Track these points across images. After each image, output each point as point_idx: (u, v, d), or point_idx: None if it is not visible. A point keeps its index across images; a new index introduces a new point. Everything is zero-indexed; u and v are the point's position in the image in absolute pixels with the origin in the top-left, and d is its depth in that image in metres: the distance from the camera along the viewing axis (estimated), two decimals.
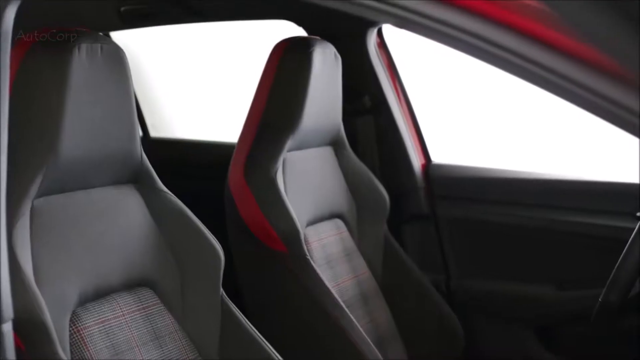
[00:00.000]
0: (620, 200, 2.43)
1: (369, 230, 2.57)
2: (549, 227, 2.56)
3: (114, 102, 1.68)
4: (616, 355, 2.44)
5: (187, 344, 1.76)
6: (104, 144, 1.68)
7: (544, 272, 2.57)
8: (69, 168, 1.62)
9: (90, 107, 1.62)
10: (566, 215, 2.54)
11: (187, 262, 1.81)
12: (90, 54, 1.60)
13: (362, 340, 2.13)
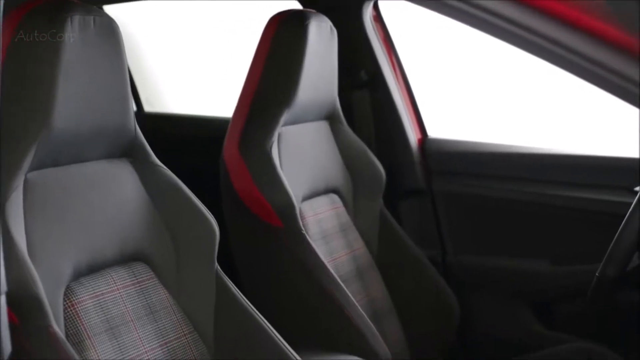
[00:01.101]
0: (617, 174, 2.43)
1: (364, 206, 2.56)
2: (545, 201, 2.55)
3: (107, 75, 1.66)
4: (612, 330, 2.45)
5: (181, 318, 1.76)
6: (97, 117, 1.66)
7: (540, 247, 2.57)
8: (62, 141, 1.60)
9: (83, 80, 1.61)
10: (563, 190, 2.53)
11: (181, 236, 1.80)
12: (83, 26, 1.58)
13: (357, 315, 2.13)
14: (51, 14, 1.55)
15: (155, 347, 1.68)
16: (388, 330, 2.40)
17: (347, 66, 2.65)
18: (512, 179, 2.62)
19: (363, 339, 2.10)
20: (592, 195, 2.47)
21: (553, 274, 2.53)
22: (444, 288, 2.51)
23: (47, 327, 1.43)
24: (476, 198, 2.68)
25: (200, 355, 1.75)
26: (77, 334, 1.56)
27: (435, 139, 2.83)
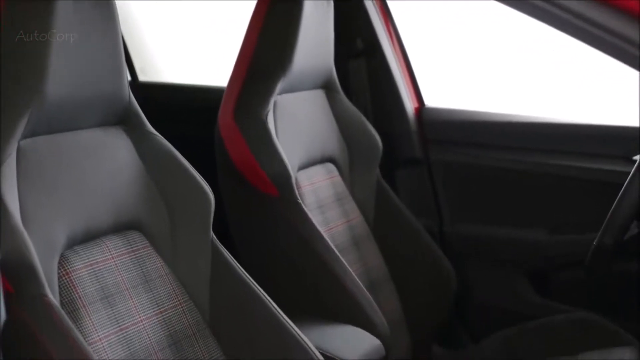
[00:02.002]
0: (615, 143, 2.42)
1: (361, 175, 2.54)
2: (543, 170, 2.54)
3: (100, 43, 1.64)
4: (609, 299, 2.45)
5: (177, 287, 1.75)
6: (90, 85, 1.65)
7: (537, 216, 2.57)
8: (55, 109, 1.59)
9: (76, 47, 1.59)
10: (560, 159, 2.52)
11: (176, 204, 1.79)
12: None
13: (354, 284, 2.12)
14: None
15: (150, 316, 1.67)
16: (384, 299, 2.40)
17: (343, 35, 2.63)
18: (510, 148, 2.61)
19: (359, 308, 2.10)
20: (590, 164, 2.46)
21: (550, 243, 2.53)
22: (441, 258, 2.51)
23: (42, 295, 1.42)
24: (473, 167, 2.67)
25: (195, 323, 1.75)
26: (72, 302, 1.55)
27: (432, 108, 2.81)
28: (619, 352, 2.16)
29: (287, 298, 1.90)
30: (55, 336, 1.40)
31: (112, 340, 1.58)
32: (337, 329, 2.04)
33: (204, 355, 1.73)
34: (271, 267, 2.20)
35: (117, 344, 1.58)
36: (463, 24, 2.86)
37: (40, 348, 1.39)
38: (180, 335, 1.71)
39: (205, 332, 1.75)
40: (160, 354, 1.65)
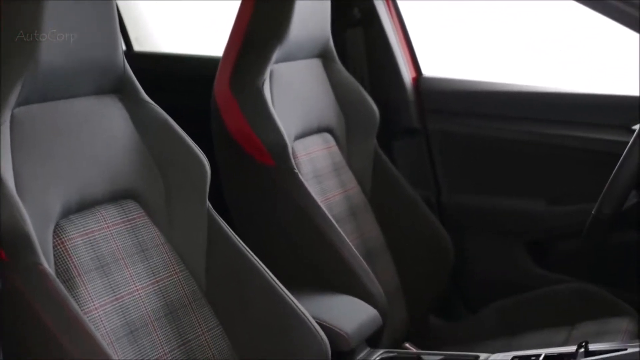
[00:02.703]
0: (614, 113, 2.41)
1: (358, 145, 2.52)
2: (542, 140, 2.54)
3: (94, 10, 1.62)
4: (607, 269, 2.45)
5: (173, 256, 1.74)
6: (84, 52, 1.62)
7: (535, 186, 2.56)
8: (49, 76, 1.56)
9: (69, 14, 1.56)
10: (559, 129, 2.51)
11: (172, 174, 1.77)
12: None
13: (351, 254, 2.11)
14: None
15: (146, 285, 1.66)
16: (381, 270, 2.39)
17: (340, 3, 2.61)
18: (508, 117, 2.60)
19: (356, 278, 2.09)
20: (589, 134, 2.45)
21: (549, 214, 2.53)
22: (438, 228, 2.50)
23: (37, 264, 1.40)
24: (471, 137, 2.66)
25: (191, 293, 1.74)
26: (67, 271, 1.53)
27: (430, 78, 2.79)
28: (617, 322, 2.16)
29: (283, 268, 1.89)
30: (50, 305, 1.39)
31: (108, 309, 1.56)
32: (334, 299, 2.04)
33: (200, 324, 1.72)
34: (267, 237, 2.19)
35: (113, 313, 1.57)
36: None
37: (35, 317, 1.38)
38: (176, 305, 1.70)
39: (201, 301, 1.74)
40: (156, 323, 1.64)
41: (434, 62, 2.84)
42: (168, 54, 3.53)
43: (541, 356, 1.75)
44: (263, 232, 2.20)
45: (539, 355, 1.76)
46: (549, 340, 2.18)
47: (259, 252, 1.81)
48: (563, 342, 2.13)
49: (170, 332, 1.66)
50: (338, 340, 1.84)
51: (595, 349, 1.69)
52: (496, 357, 1.81)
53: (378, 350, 1.95)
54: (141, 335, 1.60)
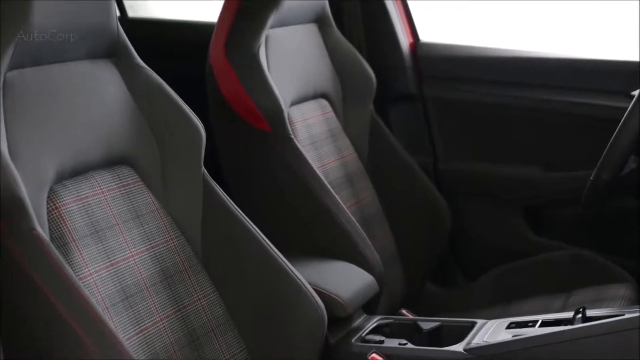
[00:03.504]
0: (613, 78, 2.40)
1: (354, 111, 2.51)
2: (539, 106, 2.52)
3: None
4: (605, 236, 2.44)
5: (168, 222, 1.73)
6: (77, 16, 1.61)
7: (533, 153, 2.56)
8: (42, 39, 1.54)
9: None
10: (557, 95, 2.50)
11: (167, 139, 1.75)
12: None
13: (347, 220, 2.11)
14: None
15: (142, 251, 1.65)
16: (378, 236, 2.39)
17: None
18: (506, 83, 2.59)
19: (353, 245, 2.09)
20: (587, 99, 2.44)
21: (546, 180, 2.52)
22: (435, 195, 2.49)
23: (31, 229, 1.39)
24: (468, 103, 2.65)
25: (187, 259, 1.73)
26: (62, 237, 1.52)
27: (427, 43, 2.77)
28: (615, 289, 2.16)
29: (279, 234, 1.88)
30: (44, 270, 1.38)
31: (103, 275, 1.56)
32: (330, 265, 2.03)
33: (196, 290, 1.71)
34: (263, 203, 2.18)
35: (108, 278, 1.56)
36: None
37: (29, 282, 1.37)
38: (171, 271, 1.69)
39: (197, 267, 1.74)
40: (151, 289, 1.63)
41: (431, 27, 2.82)
42: (162, 19, 3.50)
43: (538, 322, 1.75)
44: (259, 198, 2.19)
45: (536, 321, 1.76)
46: (546, 306, 2.18)
47: (254, 218, 1.80)
48: (560, 309, 2.12)
49: (165, 297, 1.65)
50: (334, 306, 1.84)
51: (592, 314, 1.69)
52: (493, 322, 1.81)
53: (374, 317, 1.95)
54: (137, 300, 1.59)
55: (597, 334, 1.53)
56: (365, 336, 1.84)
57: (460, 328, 1.81)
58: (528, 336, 1.63)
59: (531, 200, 2.58)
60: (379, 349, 1.76)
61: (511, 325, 1.77)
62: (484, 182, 2.63)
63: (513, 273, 2.44)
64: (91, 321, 1.37)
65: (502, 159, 2.59)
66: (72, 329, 1.36)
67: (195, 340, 1.66)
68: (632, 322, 1.48)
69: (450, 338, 1.77)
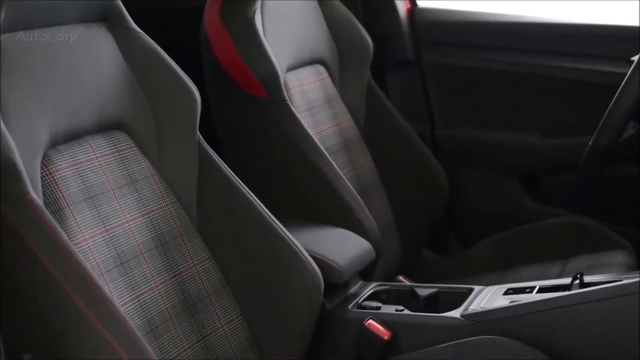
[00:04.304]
0: (613, 44, 2.39)
1: (351, 77, 2.49)
2: (538, 72, 2.51)
3: None
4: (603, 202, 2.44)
5: (163, 188, 1.71)
6: None
7: (531, 119, 2.55)
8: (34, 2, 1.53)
9: None
10: (556, 61, 2.49)
11: (161, 104, 1.73)
12: None
13: (344, 187, 2.09)
14: None
15: (136, 217, 1.64)
16: (375, 203, 2.38)
17: None
18: (505, 49, 2.58)
19: (350, 211, 2.08)
20: (587, 65, 2.43)
21: (545, 147, 2.51)
22: (432, 162, 2.48)
23: (25, 194, 1.38)
24: (466, 69, 2.64)
25: (182, 225, 1.71)
26: (56, 202, 1.51)
27: (425, 9, 2.75)
28: (612, 255, 2.16)
29: (276, 201, 1.87)
30: (39, 235, 1.36)
31: (98, 240, 1.54)
32: (327, 232, 2.02)
33: (192, 256, 1.70)
34: (260, 169, 2.17)
35: (103, 244, 1.55)
36: None
37: (23, 247, 1.35)
38: (167, 237, 1.68)
39: (192, 233, 1.72)
40: (147, 255, 1.62)
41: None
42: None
43: (536, 288, 1.75)
44: (255, 165, 2.18)
45: (533, 287, 1.76)
46: (544, 273, 2.18)
47: (251, 185, 1.79)
48: (558, 276, 2.12)
49: (161, 263, 1.64)
50: (331, 272, 1.83)
51: (590, 280, 1.68)
52: (490, 289, 1.81)
53: (371, 283, 1.95)
54: (132, 266, 1.58)
55: (595, 299, 1.53)
56: (361, 302, 1.83)
57: (457, 294, 1.80)
58: (525, 302, 1.63)
59: (529, 167, 2.57)
60: (376, 315, 1.75)
61: (508, 292, 1.76)
62: (482, 149, 2.62)
63: (510, 240, 2.44)
64: (86, 286, 1.36)
65: (501, 126, 2.58)
66: (67, 294, 1.35)
67: (191, 306, 1.66)
68: (630, 288, 1.47)
69: (447, 304, 1.76)
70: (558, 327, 1.55)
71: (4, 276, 1.38)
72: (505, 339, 1.56)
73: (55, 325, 1.36)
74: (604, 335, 1.51)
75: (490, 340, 1.57)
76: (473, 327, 1.63)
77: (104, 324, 1.34)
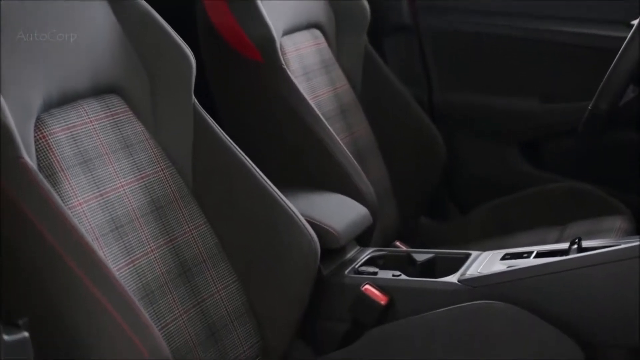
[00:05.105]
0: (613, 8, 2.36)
1: (348, 42, 2.47)
2: (537, 37, 2.49)
3: None
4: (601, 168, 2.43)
5: (158, 152, 1.70)
6: None
7: (529, 84, 2.53)
8: None
9: None
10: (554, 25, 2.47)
11: (156, 67, 1.72)
12: None
13: (340, 152, 2.08)
14: None
15: (131, 181, 1.62)
16: (372, 169, 2.37)
17: None
18: (503, 13, 2.55)
19: (346, 176, 2.07)
20: (586, 29, 2.41)
21: (543, 112, 2.50)
22: (430, 127, 2.47)
23: (18, 157, 1.36)
24: (464, 34, 2.62)
25: (178, 189, 1.70)
26: (50, 166, 1.49)
27: None
28: (610, 221, 2.15)
29: (272, 166, 1.86)
30: (32, 199, 1.35)
31: (93, 205, 1.53)
32: (323, 197, 2.01)
33: (187, 221, 1.69)
34: (255, 134, 2.15)
35: (98, 209, 1.54)
36: None
37: (17, 210, 1.34)
38: (162, 201, 1.67)
39: (188, 198, 1.71)
40: (142, 219, 1.61)
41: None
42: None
43: (533, 253, 1.74)
44: (251, 130, 2.16)
45: (530, 252, 1.75)
46: (541, 239, 2.17)
47: (246, 150, 1.77)
48: (556, 241, 2.11)
49: (156, 228, 1.63)
50: (327, 237, 1.82)
51: (588, 245, 1.67)
52: (487, 254, 1.80)
53: (368, 249, 1.94)
54: (127, 231, 1.57)
55: (594, 264, 1.51)
56: (358, 268, 1.83)
57: (454, 260, 1.79)
58: (523, 267, 1.62)
59: (528, 133, 2.56)
60: (373, 280, 1.75)
61: (506, 257, 1.75)
62: (480, 114, 2.61)
63: (508, 206, 2.43)
64: (81, 251, 1.35)
65: (499, 91, 2.56)
66: (62, 258, 1.34)
67: (187, 271, 1.65)
68: (630, 252, 1.46)
69: (444, 270, 1.76)
70: (556, 292, 1.54)
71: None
72: (503, 304, 1.55)
73: (50, 290, 1.35)
74: (602, 300, 1.50)
75: (488, 305, 1.56)
76: (470, 292, 1.63)
77: (99, 288, 1.33)
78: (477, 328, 1.57)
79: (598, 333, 1.51)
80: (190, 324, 1.62)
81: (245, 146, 1.78)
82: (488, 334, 1.55)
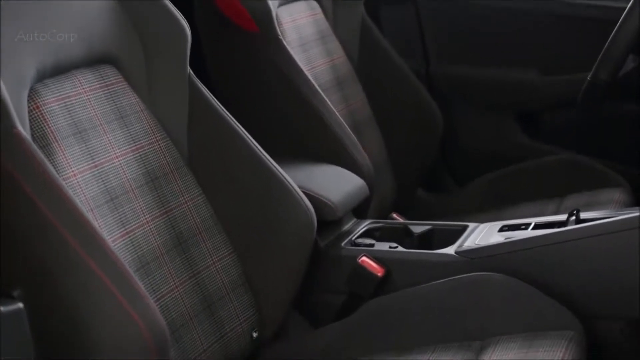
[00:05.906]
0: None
1: (344, 13, 2.45)
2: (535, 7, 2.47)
3: None
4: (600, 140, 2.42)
5: (153, 124, 1.68)
6: None
7: (527, 55, 2.51)
8: None
9: None
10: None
11: (151, 38, 1.70)
12: None
13: (337, 124, 2.07)
14: None
15: (126, 152, 1.61)
16: (369, 141, 2.35)
17: None
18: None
19: (343, 148, 2.06)
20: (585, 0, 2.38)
21: (541, 84, 2.48)
22: (427, 99, 2.45)
23: (12, 127, 1.34)
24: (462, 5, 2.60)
25: (173, 161, 1.69)
26: (44, 137, 1.48)
27: None
28: (608, 193, 2.14)
29: (268, 137, 1.84)
30: (26, 169, 1.34)
31: (87, 176, 1.51)
32: (320, 169, 2.00)
33: (182, 192, 1.68)
34: (252, 106, 2.13)
35: (92, 179, 1.52)
36: None
37: (10, 181, 1.32)
38: (157, 173, 1.65)
39: (183, 169, 1.70)
40: (137, 191, 1.60)
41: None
42: None
43: (531, 225, 1.73)
44: (247, 101, 2.15)
45: (528, 224, 1.74)
46: (540, 211, 2.17)
47: (242, 121, 1.76)
48: (554, 213, 2.12)
49: (151, 199, 1.62)
50: (324, 209, 1.82)
51: (586, 217, 1.67)
52: (485, 226, 1.79)
53: (365, 221, 1.94)
54: (122, 202, 1.56)
55: (592, 235, 1.51)
56: (355, 240, 1.82)
57: (451, 231, 1.79)
58: (520, 238, 1.61)
59: (526, 104, 2.55)
60: (369, 252, 1.74)
61: (503, 228, 1.75)
62: (478, 86, 2.59)
63: (506, 178, 2.42)
64: (76, 222, 1.34)
65: (497, 62, 2.55)
66: (56, 229, 1.32)
67: (182, 243, 1.64)
68: (629, 223, 1.45)
69: (442, 241, 1.75)
70: (554, 264, 1.54)
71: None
72: (500, 275, 1.54)
73: (44, 261, 1.33)
74: (601, 272, 1.50)
75: (485, 276, 1.56)
76: (468, 263, 1.62)
77: (94, 260, 1.32)
78: (474, 300, 1.56)
79: (596, 305, 1.50)
80: (186, 296, 1.61)
81: (240, 118, 1.76)
82: (486, 306, 1.55)
